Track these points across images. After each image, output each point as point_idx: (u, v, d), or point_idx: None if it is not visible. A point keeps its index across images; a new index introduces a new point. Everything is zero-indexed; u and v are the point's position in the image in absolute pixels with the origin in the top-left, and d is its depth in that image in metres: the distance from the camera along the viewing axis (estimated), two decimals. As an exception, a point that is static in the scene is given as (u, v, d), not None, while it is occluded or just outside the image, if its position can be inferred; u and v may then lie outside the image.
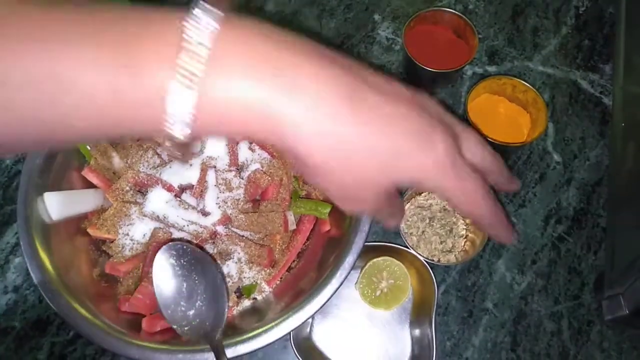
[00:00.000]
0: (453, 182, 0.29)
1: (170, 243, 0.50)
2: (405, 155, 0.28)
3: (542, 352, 0.60)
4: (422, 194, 0.63)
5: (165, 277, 0.48)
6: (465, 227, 0.62)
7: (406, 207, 0.61)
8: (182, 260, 0.49)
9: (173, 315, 0.47)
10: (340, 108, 0.25)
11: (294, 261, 0.58)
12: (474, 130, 0.32)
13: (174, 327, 0.47)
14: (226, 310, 0.49)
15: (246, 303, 0.55)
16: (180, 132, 0.25)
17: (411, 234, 0.61)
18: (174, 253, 0.49)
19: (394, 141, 0.27)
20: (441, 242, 0.61)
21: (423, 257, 0.58)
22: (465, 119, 0.65)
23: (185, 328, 0.47)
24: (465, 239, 0.61)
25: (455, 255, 0.60)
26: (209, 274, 0.50)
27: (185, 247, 0.50)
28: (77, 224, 0.56)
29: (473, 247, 0.59)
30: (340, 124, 0.26)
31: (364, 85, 0.27)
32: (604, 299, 0.60)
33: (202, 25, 0.24)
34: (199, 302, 0.48)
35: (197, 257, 0.50)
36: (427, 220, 0.62)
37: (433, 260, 0.59)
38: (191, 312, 0.48)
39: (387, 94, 0.27)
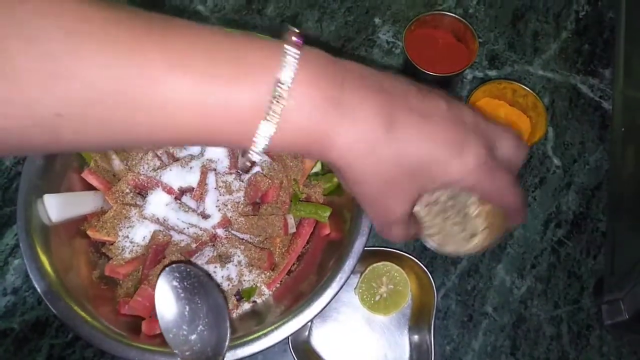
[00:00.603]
0: (485, 182, 0.34)
1: (173, 265, 0.49)
2: (435, 164, 0.32)
3: (542, 356, 0.60)
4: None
5: (167, 300, 0.48)
6: (475, 203, 0.52)
7: (415, 210, 0.56)
8: (185, 283, 0.49)
9: (175, 340, 0.47)
10: (378, 131, 0.30)
11: (293, 264, 0.58)
12: (511, 130, 0.36)
13: (176, 351, 0.46)
14: (228, 335, 0.48)
15: (246, 306, 0.55)
16: (258, 152, 0.30)
17: (431, 235, 0.56)
18: (177, 275, 0.49)
19: (425, 151, 0.31)
20: (462, 230, 0.55)
21: (456, 254, 0.51)
22: (465, 123, 0.65)
23: (187, 353, 0.46)
24: (482, 217, 0.54)
25: (479, 237, 0.53)
26: (211, 298, 0.49)
27: (188, 269, 0.49)
28: (76, 226, 0.56)
29: (494, 216, 0.50)
30: (376, 144, 0.31)
31: (405, 110, 0.31)
32: (604, 304, 0.60)
33: (288, 66, 0.28)
34: (200, 326, 0.48)
35: (200, 280, 0.49)
36: (440, 215, 0.56)
37: (462, 253, 0.51)
38: (193, 337, 0.47)
39: (425, 114, 0.32)
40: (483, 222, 0.55)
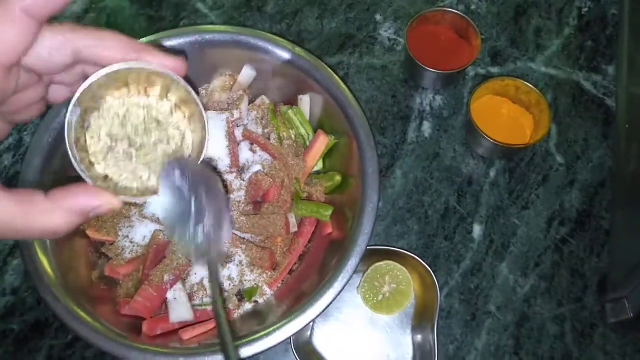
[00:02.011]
0: None
1: (176, 158, 0.42)
2: None
3: (546, 355, 0.60)
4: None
5: (171, 193, 0.41)
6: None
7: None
8: (186, 180, 0.41)
9: (180, 235, 0.41)
10: None
11: (295, 264, 0.57)
12: None
13: (182, 244, 0.41)
14: (227, 229, 0.42)
15: (247, 306, 0.55)
16: None
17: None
18: (179, 168, 0.41)
19: None
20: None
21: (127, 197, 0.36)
22: (468, 120, 0.65)
23: (192, 247, 0.41)
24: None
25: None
26: (212, 192, 0.42)
27: (191, 161, 0.43)
28: (76, 226, 0.56)
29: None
30: None
31: None
32: (608, 302, 0.60)
33: None
34: (206, 219, 0.42)
35: (202, 174, 0.43)
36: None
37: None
38: (197, 231, 0.41)
39: None
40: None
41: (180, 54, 0.38)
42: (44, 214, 0.30)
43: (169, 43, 0.58)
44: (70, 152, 0.34)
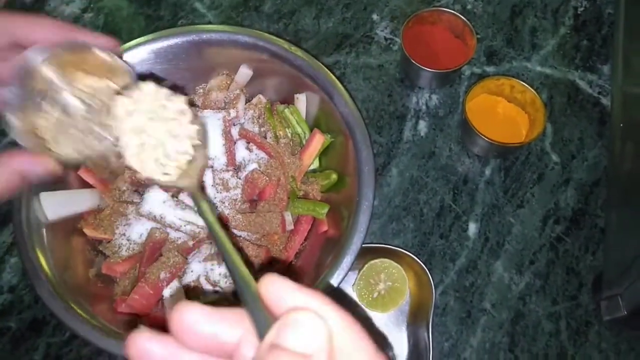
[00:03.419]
0: None
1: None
2: None
3: (540, 352, 0.60)
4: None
5: None
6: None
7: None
8: None
9: None
10: None
11: (291, 262, 0.58)
12: None
13: None
14: None
15: (243, 304, 0.55)
16: None
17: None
18: None
19: None
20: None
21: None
22: (463, 119, 0.65)
23: None
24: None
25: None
26: None
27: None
28: (73, 224, 0.56)
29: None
30: None
31: None
32: (602, 300, 0.60)
33: None
34: None
35: None
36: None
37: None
38: None
39: None
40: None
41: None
42: None
43: (166, 42, 0.58)
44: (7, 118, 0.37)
